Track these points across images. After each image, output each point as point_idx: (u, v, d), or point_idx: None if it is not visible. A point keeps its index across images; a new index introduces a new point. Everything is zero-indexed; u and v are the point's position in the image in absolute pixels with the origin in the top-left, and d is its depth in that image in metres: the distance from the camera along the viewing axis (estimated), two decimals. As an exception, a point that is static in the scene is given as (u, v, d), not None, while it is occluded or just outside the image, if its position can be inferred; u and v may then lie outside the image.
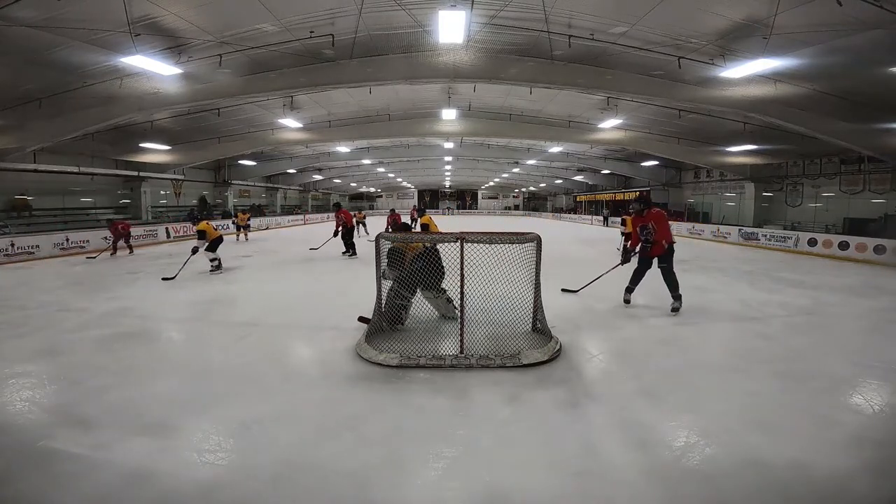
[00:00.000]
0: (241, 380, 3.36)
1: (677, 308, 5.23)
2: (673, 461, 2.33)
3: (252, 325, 4.83)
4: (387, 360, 3.59)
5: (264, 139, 16.14)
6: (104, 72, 8.45)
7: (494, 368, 3.51)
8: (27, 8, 5.97)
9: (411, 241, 4.60)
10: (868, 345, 4.29)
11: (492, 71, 8.90)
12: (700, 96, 9.60)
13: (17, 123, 10.54)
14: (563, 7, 6.79)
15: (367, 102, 12.62)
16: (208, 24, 7.13)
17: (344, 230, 10.69)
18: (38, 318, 5.10)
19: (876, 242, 10.60)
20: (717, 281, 7.71)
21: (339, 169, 28.81)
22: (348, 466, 2.28)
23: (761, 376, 3.44)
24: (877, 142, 10.86)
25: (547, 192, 42.61)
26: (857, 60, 7.31)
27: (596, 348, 4.12)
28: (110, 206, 17.37)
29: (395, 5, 6.72)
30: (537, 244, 3.97)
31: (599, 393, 3.15)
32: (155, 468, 2.23)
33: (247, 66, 8.92)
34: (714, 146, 15.58)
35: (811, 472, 2.23)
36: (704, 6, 6.47)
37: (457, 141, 18.76)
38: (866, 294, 6.75)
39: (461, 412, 2.88)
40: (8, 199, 13.68)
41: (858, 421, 2.78)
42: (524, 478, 2.20)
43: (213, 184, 22.97)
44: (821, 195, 15.78)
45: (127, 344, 4.18)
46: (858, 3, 5.55)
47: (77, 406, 2.90)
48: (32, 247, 10.26)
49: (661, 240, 5.22)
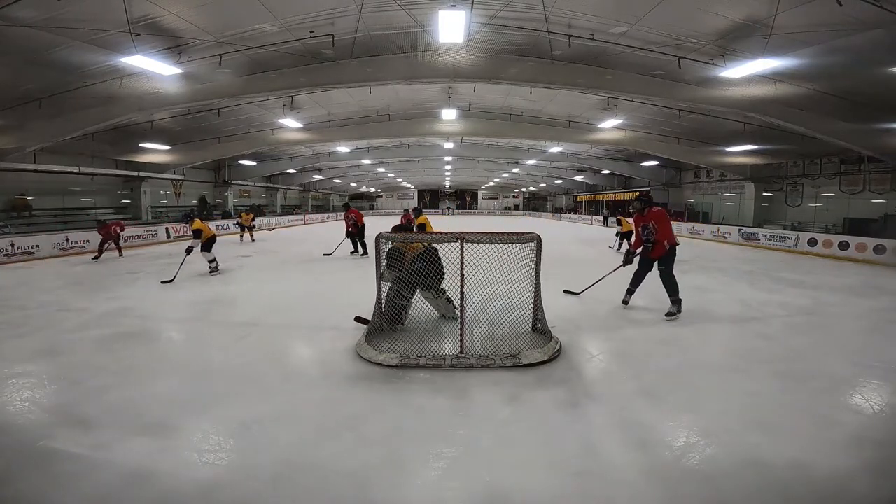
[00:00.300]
0: (241, 380, 3.36)
1: (673, 313, 5.02)
2: (673, 461, 2.33)
3: (252, 325, 4.83)
4: (387, 360, 3.59)
5: (264, 139, 16.14)
6: (104, 72, 8.45)
7: (494, 368, 3.52)
8: (27, 8, 5.97)
9: (411, 241, 4.60)
10: (868, 345, 4.29)
11: (492, 71, 8.90)
12: (700, 96, 9.60)
13: (17, 123, 10.53)
14: (563, 7, 6.78)
15: (367, 102, 12.62)
16: (208, 24, 7.13)
17: (355, 229, 10.60)
18: (38, 318, 5.10)
19: (876, 242, 10.61)
20: (717, 281, 7.71)
21: (339, 169, 28.82)
22: (348, 466, 2.28)
23: (761, 376, 3.44)
24: (877, 142, 10.86)
25: (547, 192, 42.60)
26: (857, 60, 7.30)
27: (596, 348, 4.12)
28: (110, 206, 17.37)
29: (395, 5, 6.72)
30: (537, 244, 3.98)
31: (599, 393, 3.15)
32: (155, 468, 2.23)
33: (247, 66, 8.91)
34: (714, 146, 15.58)
35: (811, 472, 2.23)
36: (704, 6, 6.47)
37: (457, 141, 18.76)
38: (866, 294, 6.75)
39: (461, 412, 2.88)
40: (8, 199, 13.67)
41: (858, 421, 2.78)
42: (524, 478, 2.20)
43: (213, 184, 22.97)
44: (821, 195, 15.78)
45: (127, 344, 4.18)
46: (858, 3, 5.55)
47: (77, 406, 2.90)
48: (32, 247, 10.26)
49: (663, 240, 5.05)
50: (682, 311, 5.10)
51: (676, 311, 5.07)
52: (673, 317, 5.03)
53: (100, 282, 7.45)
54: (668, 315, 5.04)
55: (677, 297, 5.10)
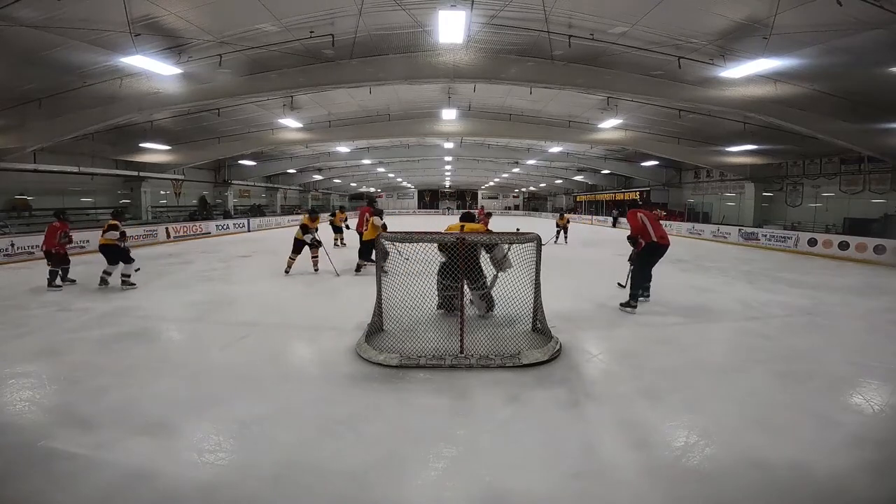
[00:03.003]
0: (241, 380, 3.36)
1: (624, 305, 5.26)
2: (673, 461, 2.33)
3: (252, 325, 4.83)
4: (387, 360, 3.59)
5: (264, 139, 16.13)
6: (104, 72, 8.45)
7: (494, 368, 3.52)
8: (27, 8, 5.97)
9: (411, 240, 4.60)
10: (868, 345, 4.29)
11: (492, 71, 8.90)
12: (700, 96, 9.60)
13: (17, 123, 10.52)
14: (563, 7, 6.78)
15: (367, 102, 12.61)
16: (208, 24, 7.13)
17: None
18: (38, 318, 5.10)
19: (876, 242, 10.61)
20: (717, 281, 7.71)
21: (339, 169, 28.79)
22: (348, 466, 2.28)
23: (761, 376, 3.44)
24: (877, 142, 10.85)
25: (547, 192, 42.59)
26: (857, 60, 7.30)
27: (596, 348, 4.12)
28: (110, 206, 17.34)
29: (395, 5, 6.72)
30: (537, 244, 3.98)
31: (599, 393, 3.15)
32: (155, 468, 2.23)
33: (247, 66, 8.91)
34: (714, 146, 15.58)
35: (811, 472, 2.23)
36: (704, 6, 6.47)
37: (457, 141, 18.75)
38: (866, 294, 6.75)
39: (461, 412, 2.88)
40: (8, 199, 13.66)
41: (858, 421, 2.78)
42: (524, 478, 2.20)
43: (213, 184, 22.94)
44: (821, 195, 15.76)
45: (127, 344, 4.18)
46: (858, 3, 5.54)
47: (77, 406, 2.90)
48: (32, 247, 10.24)
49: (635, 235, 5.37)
50: (636, 307, 5.25)
51: (629, 304, 5.26)
52: (624, 308, 5.24)
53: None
54: (621, 306, 5.29)
55: (636, 293, 5.30)
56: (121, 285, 6.67)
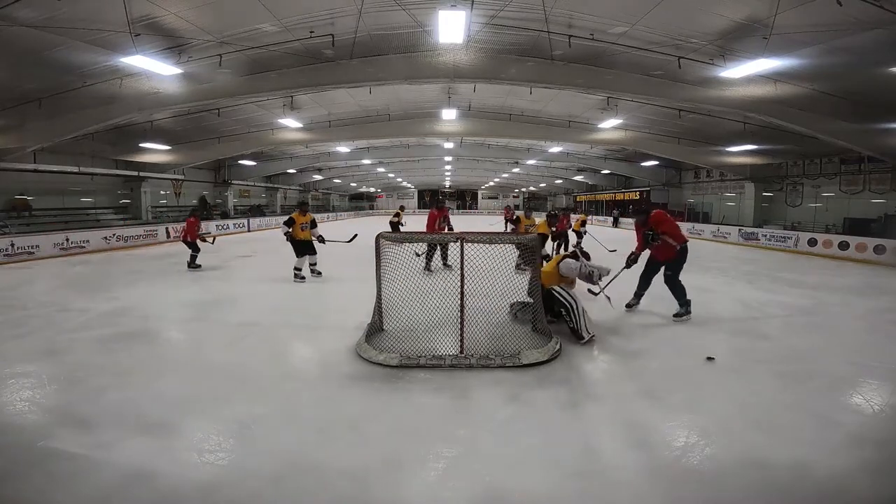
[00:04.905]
0: (241, 380, 3.36)
1: (681, 315, 4.96)
2: (673, 461, 2.33)
3: (252, 324, 4.83)
4: (387, 360, 3.59)
5: (264, 139, 16.12)
6: (104, 72, 8.44)
7: (494, 368, 3.52)
8: (27, 8, 5.96)
9: (411, 240, 4.61)
10: (868, 345, 4.29)
11: (492, 71, 8.89)
12: (700, 96, 9.59)
13: (17, 123, 10.52)
14: (563, 7, 6.78)
15: (367, 102, 12.61)
16: (208, 24, 7.12)
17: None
18: (38, 318, 5.10)
19: (876, 242, 10.61)
20: (717, 281, 7.71)
21: (339, 169, 28.79)
22: (348, 466, 2.28)
23: (761, 376, 3.44)
24: (877, 142, 10.84)
25: (547, 191, 42.59)
26: (857, 60, 7.30)
27: (596, 348, 4.11)
28: (110, 206, 17.37)
29: (395, 5, 6.71)
30: (537, 244, 3.98)
31: (599, 393, 3.15)
32: (155, 468, 2.23)
33: (247, 66, 8.90)
34: (714, 146, 15.57)
35: (811, 472, 2.23)
36: (704, 6, 6.46)
37: (457, 141, 18.74)
38: (866, 294, 6.75)
39: (461, 412, 2.88)
40: (8, 199, 13.66)
41: (858, 421, 2.78)
42: (524, 478, 2.20)
43: (213, 184, 22.94)
44: (821, 195, 15.76)
45: (127, 344, 4.18)
46: (858, 3, 5.54)
47: (77, 406, 2.90)
48: (32, 247, 10.25)
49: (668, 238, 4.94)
50: (691, 313, 5.04)
51: (685, 312, 5.02)
52: (681, 318, 4.98)
53: (100, 282, 7.44)
54: (676, 316, 5.00)
55: (685, 300, 5.05)
56: (310, 274, 7.70)
